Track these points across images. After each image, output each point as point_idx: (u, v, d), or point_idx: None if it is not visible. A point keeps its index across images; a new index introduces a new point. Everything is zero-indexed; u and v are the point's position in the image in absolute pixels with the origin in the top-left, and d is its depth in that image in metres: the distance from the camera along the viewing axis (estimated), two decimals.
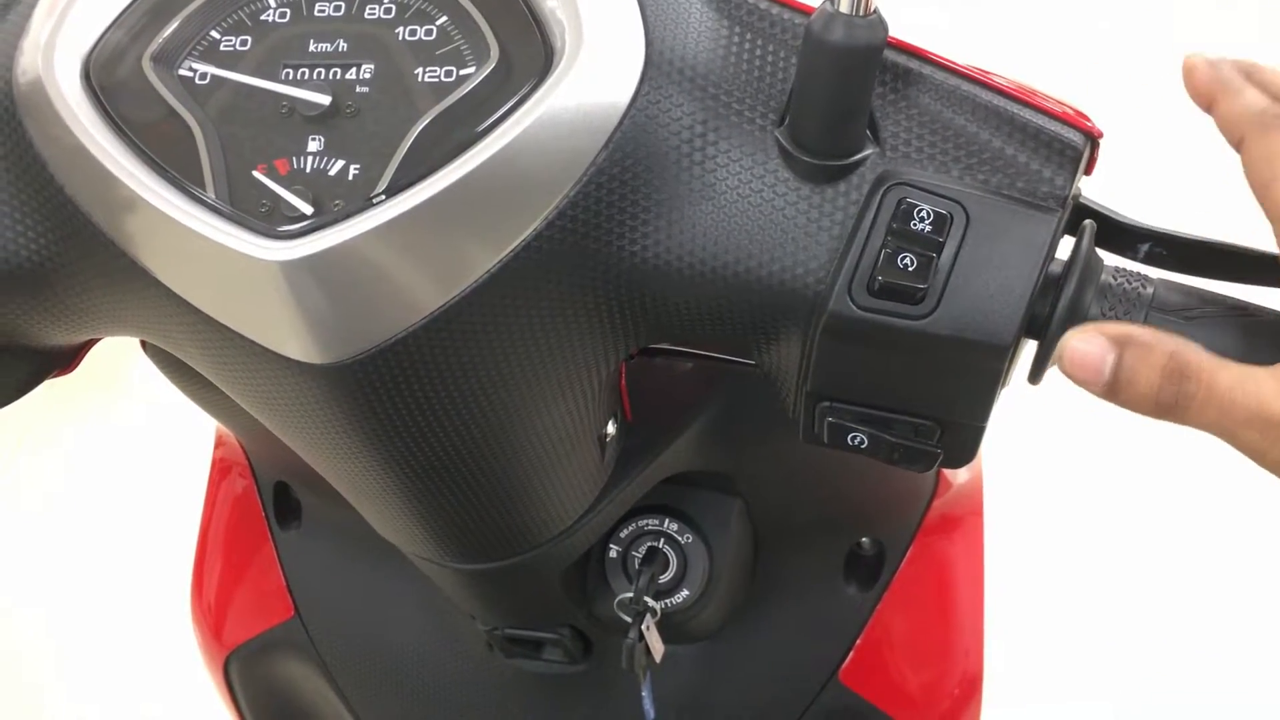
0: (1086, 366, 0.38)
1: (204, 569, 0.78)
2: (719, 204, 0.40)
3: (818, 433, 0.44)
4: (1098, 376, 0.37)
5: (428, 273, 0.38)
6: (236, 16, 0.41)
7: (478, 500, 0.48)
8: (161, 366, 0.59)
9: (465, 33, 0.40)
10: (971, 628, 0.72)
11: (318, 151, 0.39)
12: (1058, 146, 0.40)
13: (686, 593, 0.61)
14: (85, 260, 0.42)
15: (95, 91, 0.40)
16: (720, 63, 0.41)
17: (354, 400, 0.41)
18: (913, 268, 0.38)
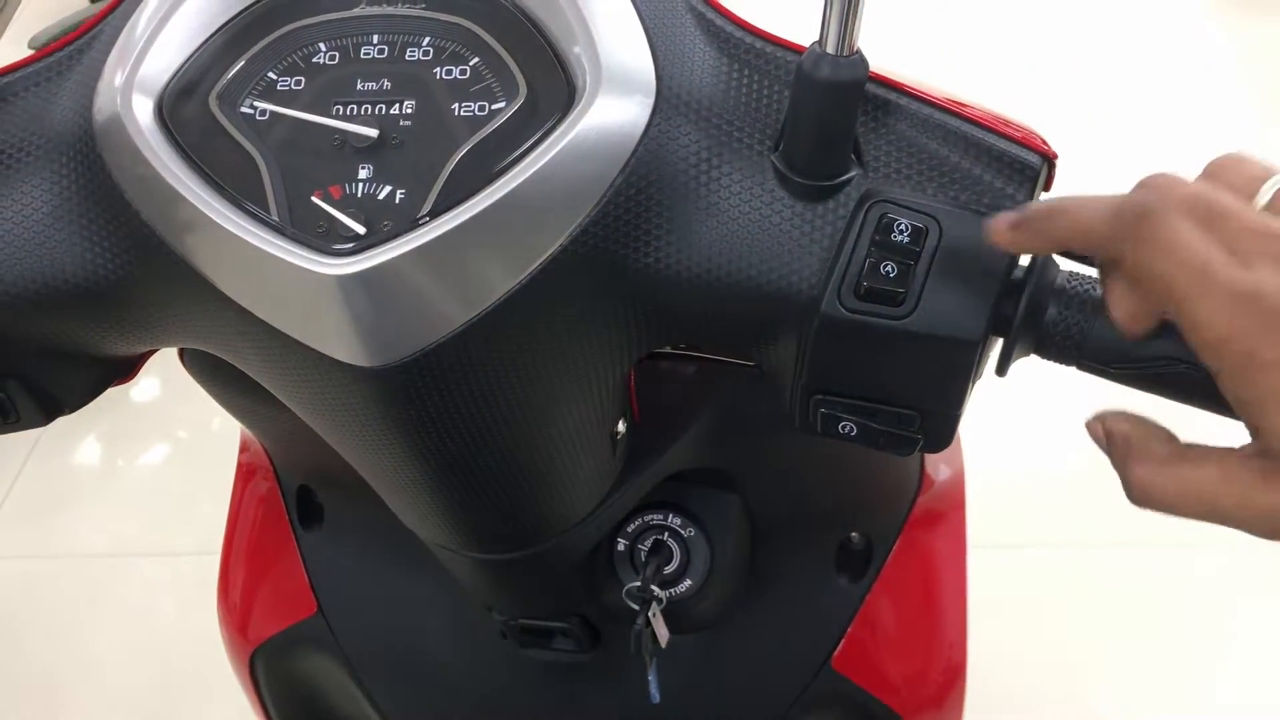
0: None
1: (230, 569, 0.80)
2: (722, 220, 0.44)
3: (812, 423, 0.47)
4: None
5: (468, 284, 0.41)
6: (291, 59, 0.44)
7: (501, 493, 0.51)
8: (199, 379, 0.61)
9: (496, 72, 0.43)
10: (955, 616, 0.75)
11: (367, 179, 0.42)
12: (1018, 166, 0.43)
13: (689, 583, 0.63)
14: (156, 278, 0.45)
15: (168, 127, 0.43)
16: (722, 96, 0.44)
17: (396, 400, 0.44)
18: (894, 274, 0.42)
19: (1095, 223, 0.37)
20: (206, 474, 1.77)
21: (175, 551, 1.72)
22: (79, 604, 1.68)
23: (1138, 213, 0.35)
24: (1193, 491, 0.36)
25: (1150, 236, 0.35)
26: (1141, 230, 0.35)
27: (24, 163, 0.47)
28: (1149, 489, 0.37)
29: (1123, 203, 0.36)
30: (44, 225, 0.46)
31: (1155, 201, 0.35)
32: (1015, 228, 0.39)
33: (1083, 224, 0.37)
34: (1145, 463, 0.37)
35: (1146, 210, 0.35)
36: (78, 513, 1.80)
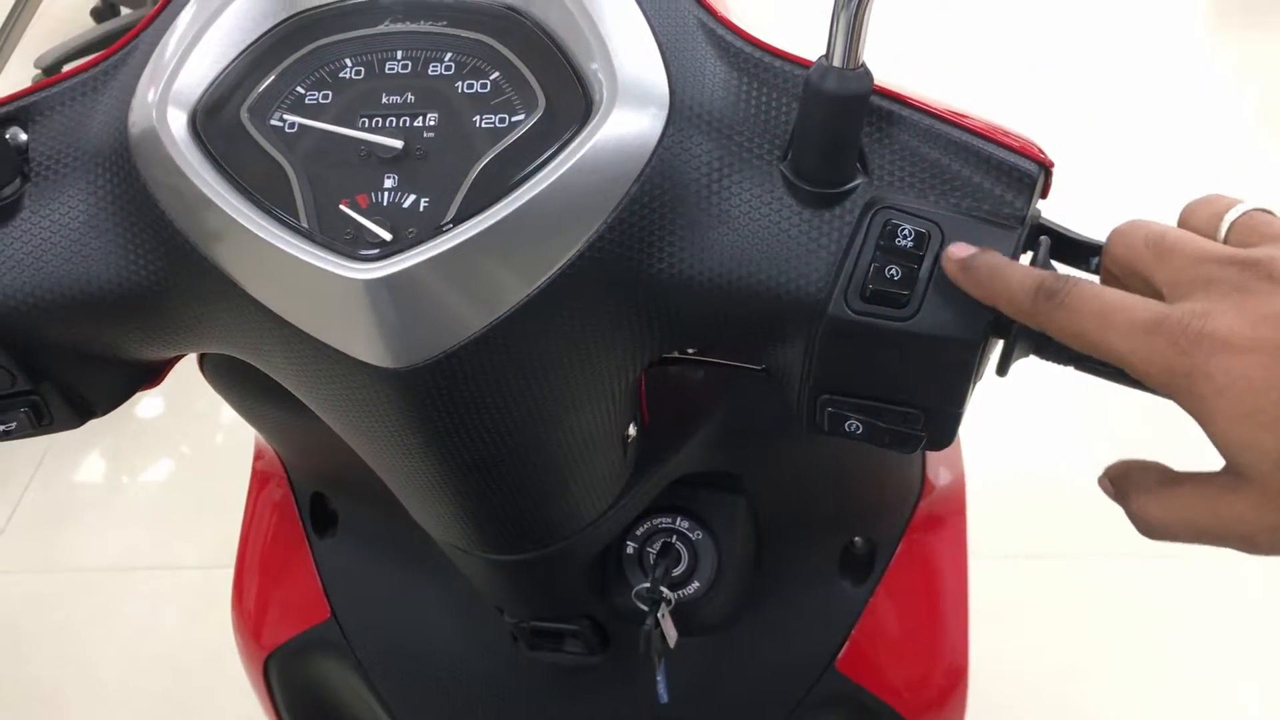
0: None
1: (244, 575, 0.81)
2: (733, 227, 0.45)
3: (819, 422, 0.48)
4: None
5: (489, 288, 0.43)
6: (318, 75, 0.46)
7: (514, 494, 0.52)
8: (218, 386, 0.63)
9: (516, 86, 0.45)
10: (956, 619, 0.76)
11: (392, 188, 0.43)
12: (1016, 174, 0.45)
13: (697, 585, 0.64)
14: (188, 284, 0.46)
15: (201, 139, 0.45)
16: (733, 108, 0.46)
17: (417, 401, 0.45)
18: (898, 277, 0.43)
19: (1018, 295, 0.41)
20: (211, 488, 1.78)
21: (180, 565, 1.72)
22: (84, 618, 1.68)
23: (1047, 289, 0.40)
24: (1179, 512, 0.40)
25: (1058, 305, 0.40)
26: (1050, 304, 0.40)
27: (62, 174, 0.49)
28: (1145, 516, 0.41)
29: (1039, 282, 0.41)
30: (80, 234, 0.48)
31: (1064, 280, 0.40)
32: (963, 270, 0.43)
33: (1010, 297, 0.42)
34: (1139, 493, 0.41)
35: (1053, 290, 0.40)
36: (83, 527, 1.80)
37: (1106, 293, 0.39)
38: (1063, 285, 0.40)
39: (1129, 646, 1.51)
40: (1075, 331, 0.40)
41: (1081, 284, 0.40)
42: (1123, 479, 0.42)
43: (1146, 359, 0.38)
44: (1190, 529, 0.39)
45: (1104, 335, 0.39)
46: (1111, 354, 0.39)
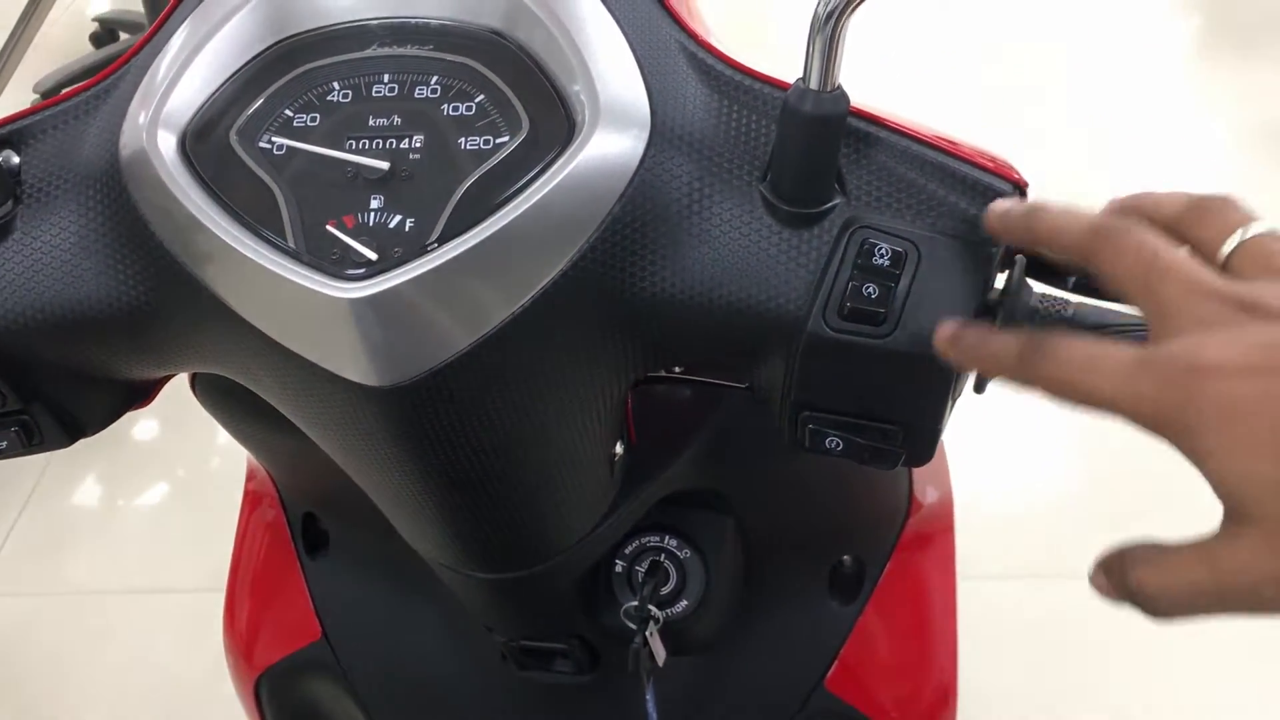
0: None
1: (236, 595, 0.81)
2: (714, 246, 0.46)
3: (800, 439, 0.49)
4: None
5: (474, 307, 0.43)
6: (306, 98, 0.47)
7: (502, 511, 0.52)
8: (209, 407, 0.63)
9: (500, 108, 0.45)
10: (945, 638, 0.76)
11: (379, 209, 0.44)
12: (992, 194, 0.46)
13: (685, 603, 0.64)
14: (178, 304, 0.47)
15: (191, 161, 0.45)
16: (713, 130, 0.47)
17: (403, 419, 0.45)
18: (875, 295, 0.44)
19: (1004, 357, 0.41)
20: (205, 511, 1.78)
21: (175, 588, 1.72)
22: (80, 641, 1.68)
23: (1032, 344, 0.39)
24: (1177, 574, 0.37)
25: (1043, 358, 0.39)
26: (1036, 359, 0.39)
27: (53, 196, 0.49)
28: (1145, 589, 0.38)
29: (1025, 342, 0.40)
30: (71, 255, 0.48)
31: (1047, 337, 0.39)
32: (952, 344, 0.43)
33: (999, 361, 0.41)
34: (1135, 567, 0.38)
35: (1037, 345, 0.39)
36: (79, 550, 1.80)
37: (1089, 340, 0.39)
38: (1045, 339, 0.39)
39: (1120, 666, 1.51)
40: (1064, 380, 0.38)
41: (1063, 335, 0.39)
42: (1117, 561, 0.40)
43: (1136, 399, 0.36)
44: (1192, 592, 0.37)
45: (1092, 381, 0.37)
46: (1102, 400, 0.38)
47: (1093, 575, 0.41)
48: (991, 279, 0.45)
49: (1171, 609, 0.38)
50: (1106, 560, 0.40)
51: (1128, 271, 0.39)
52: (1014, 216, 0.43)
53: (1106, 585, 0.40)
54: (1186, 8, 2.74)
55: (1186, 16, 2.73)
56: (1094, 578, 0.41)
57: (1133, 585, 0.38)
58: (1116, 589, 0.39)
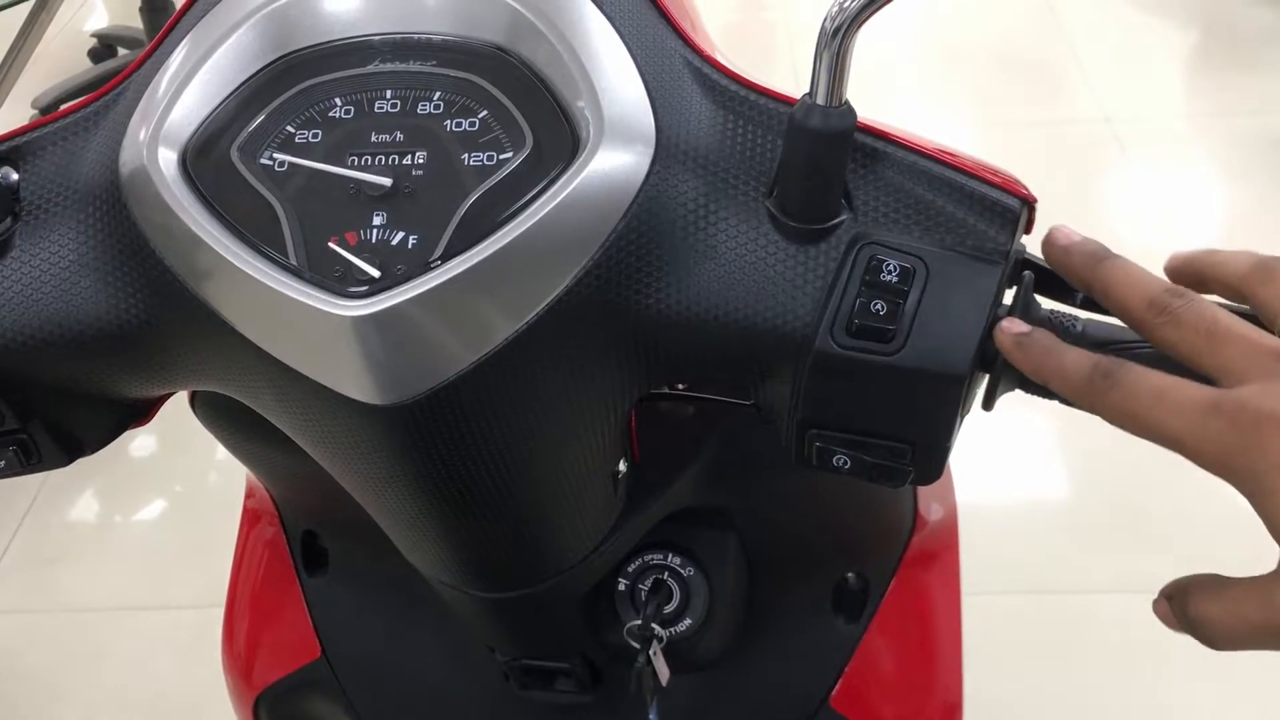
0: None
1: (234, 613, 0.80)
2: (720, 263, 0.45)
3: (807, 456, 0.48)
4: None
5: (477, 325, 0.43)
6: (308, 114, 0.46)
7: (504, 530, 0.52)
8: (209, 424, 0.63)
9: (503, 124, 0.45)
10: (950, 656, 0.75)
11: (381, 225, 0.43)
12: (999, 210, 0.45)
13: (689, 621, 0.64)
14: (178, 322, 0.46)
15: (191, 178, 0.45)
16: (718, 145, 0.46)
17: (406, 437, 0.45)
18: (883, 312, 0.43)
19: (1073, 381, 0.42)
20: (203, 527, 1.78)
21: (173, 605, 1.72)
22: (78, 658, 1.67)
23: (1103, 370, 0.41)
24: (1234, 607, 0.39)
25: (1113, 386, 0.40)
26: (1105, 385, 0.41)
27: (52, 213, 0.49)
28: (1205, 619, 0.40)
29: (1095, 365, 0.41)
30: (71, 273, 0.48)
31: (1119, 365, 0.41)
32: (1017, 346, 0.44)
33: (1064, 378, 0.42)
34: (1197, 599, 0.40)
35: (1109, 371, 0.41)
36: (76, 566, 1.80)
37: (1161, 374, 0.40)
38: (1118, 367, 0.41)
39: (1124, 682, 1.51)
40: (1130, 412, 0.40)
41: (1135, 365, 0.41)
42: (1180, 592, 0.42)
43: (1202, 439, 0.38)
44: (1246, 626, 0.39)
45: (1159, 415, 0.39)
46: (1166, 435, 0.39)
47: (1156, 603, 0.43)
48: (1000, 294, 0.45)
49: (1226, 641, 0.40)
50: (1170, 589, 0.42)
51: (1189, 340, 0.40)
52: (1079, 257, 0.45)
53: (1168, 613, 0.42)
54: (1184, 22, 2.75)
55: (1184, 30, 2.74)
56: (1156, 605, 0.43)
57: (1191, 615, 0.40)
58: (1177, 617, 0.41)
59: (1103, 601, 1.58)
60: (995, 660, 1.47)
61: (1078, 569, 1.62)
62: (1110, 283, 0.43)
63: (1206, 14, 2.75)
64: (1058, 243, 0.45)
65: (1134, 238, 2.13)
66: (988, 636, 1.22)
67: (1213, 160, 2.33)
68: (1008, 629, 1.54)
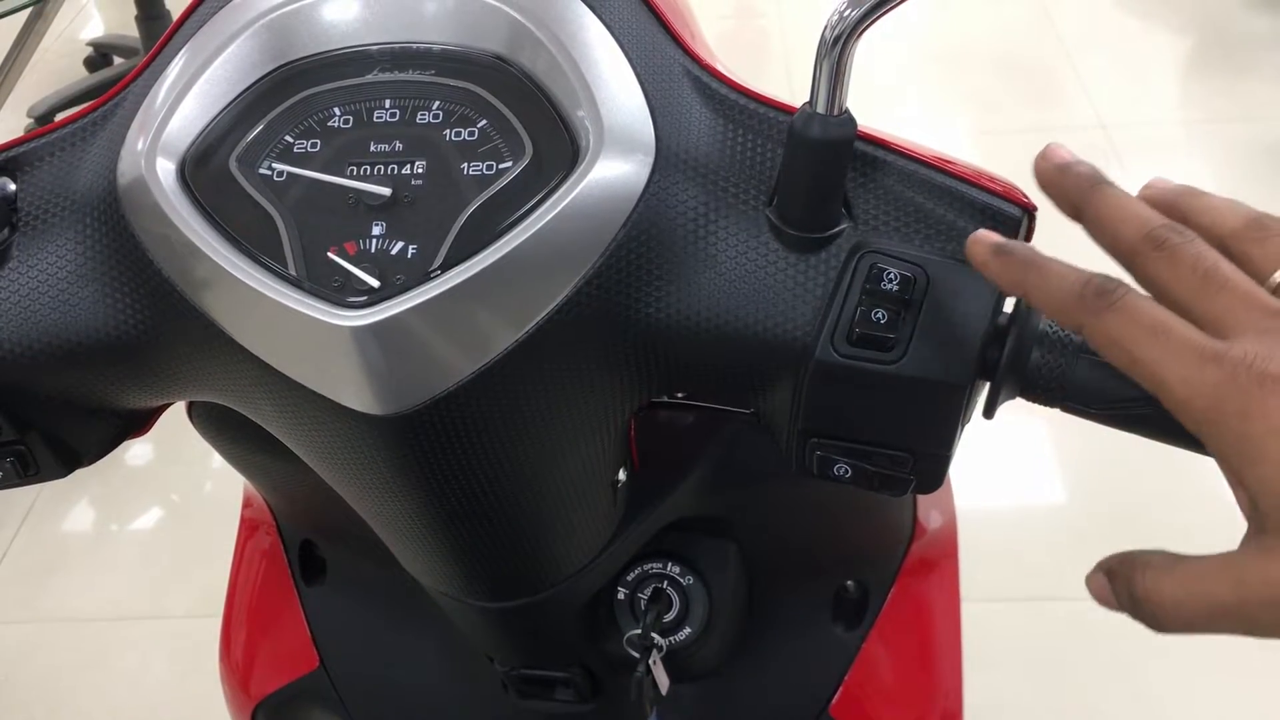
0: None
1: (232, 623, 0.80)
2: (720, 272, 0.45)
3: (808, 466, 0.48)
4: None
5: (477, 334, 0.43)
6: (307, 123, 0.46)
7: (504, 540, 0.51)
8: (206, 434, 0.62)
9: (503, 133, 0.45)
10: (950, 664, 0.75)
11: (380, 235, 0.43)
12: (1000, 218, 0.45)
13: (689, 630, 0.64)
14: (176, 333, 0.46)
15: (190, 188, 0.45)
16: (718, 154, 0.46)
17: (405, 447, 0.45)
18: (884, 321, 0.43)
19: (1059, 294, 0.38)
20: (200, 537, 1.77)
21: (170, 614, 1.71)
22: (74, 668, 1.66)
23: (1098, 287, 0.37)
24: (1197, 586, 0.36)
25: (1109, 306, 0.37)
26: (1099, 304, 0.37)
27: (50, 224, 0.49)
28: (1157, 597, 0.36)
29: (1089, 280, 0.38)
30: (68, 284, 0.48)
31: (1117, 285, 0.37)
32: (995, 254, 0.41)
33: (1049, 290, 0.39)
34: (1148, 573, 0.37)
35: (1105, 290, 0.37)
36: (72, 577, 1.79)
37: (1164, 309, 0.36)
38: (1116, 287, 0.37)
39: (1124, 688, 1.50)
40: (1122, 340, 0.36)
41: (1137, 292, 0.37)
42: (1124, 564, 0.38)
43: (1195, 388, 0.35)
44: (1210, 607, 0.35)
45: (1153, 352, 0.35)
46: (1156, 375, 0.36)
47: (1090, 577, 0.39)
48: (1001, 303, 0.45)
49: (1179, 623, 0.36)
50: (1110, 564, 0.38)
51: (1183, 280, 0.37)
52: (1073, 178, 0.41)
53: (1105, 590, 0.38)
54: (1179, 29, 2.76)
55: (1179, 36, 2.74)
56: (1091, 579, 0.39)
57: (1139, 593, 0.37)
58: (1119, 595, 0.38)
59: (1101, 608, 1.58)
60: (995, 667, 1.47)
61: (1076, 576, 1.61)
62: (1103, 211, 0.40)
63: (1202, 20, 2.75)
64: (1051, 160, 0.42)
65: None
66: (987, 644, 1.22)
67: (1208, 166, 2.33)
68: (1007, 636, 1.54)
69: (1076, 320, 0.38)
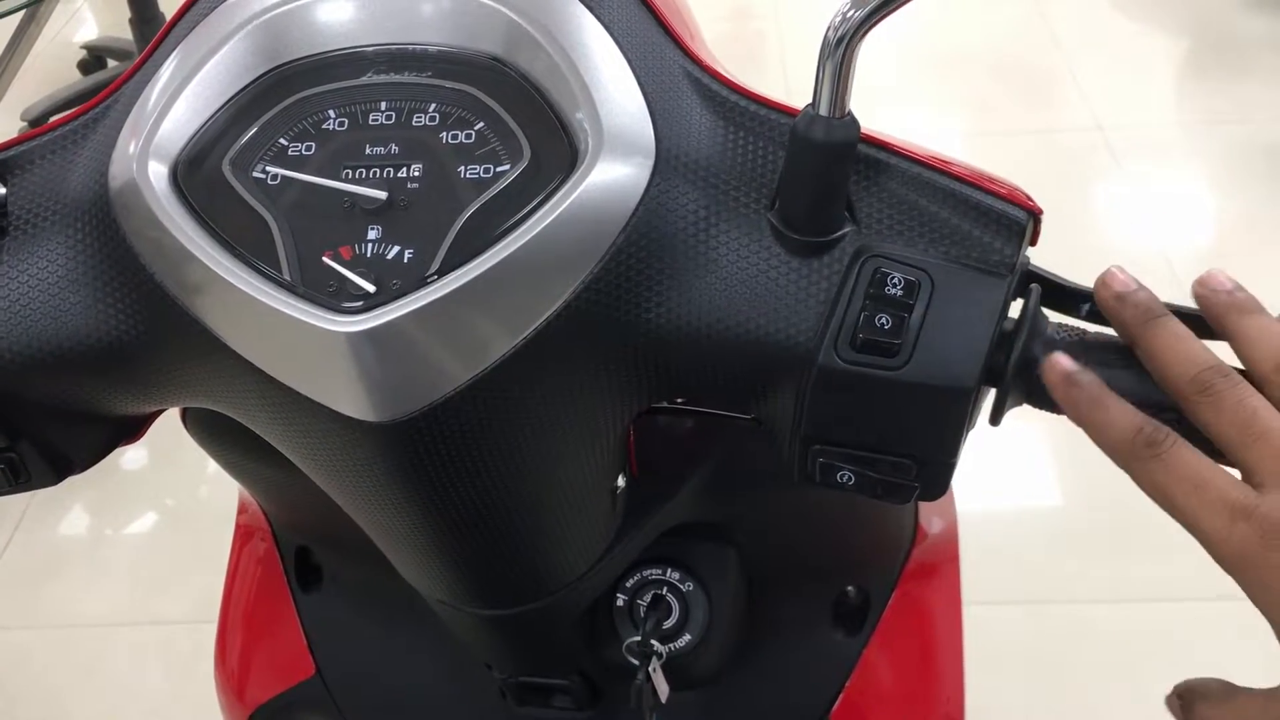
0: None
1: (227, 631, 0.80)
2: (721, 276, 0.45)
3: (810, 473, 0.48)
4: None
5: (475, 340, 0.42)
6: (301, 126, 0.45)
7: (501, 547, 0.51)
8: (200, 440, 0.62)
9: (500, 136, 0.44)
10: (952, 670, 0.75)
11: (376, 239, 0.43)
12: (1005, 222, 0.45)
13: (689, 637, 0.63)
14: (170, 337, 0.46)
15: (182, 192, 0.44)
16: (719, 157, 0.46)
17: (401, 454, 0.44)
18: (888, 326, 0.43)
19: (1114, 436, 0.42)
20: (196, 542, 1.77)
21: (166, 620, 1.70)
22: (70, 674, 1.66)
23: (1148, 438, 0.41)
24: (1235, 716, 0.41)
25: (1155, 459, 0.41)
26: (1147, 453, 0.41)
27: (40, 228, 0.48)
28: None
29: (1141, 429, 0.41)
30: (59, 289, 0.47)
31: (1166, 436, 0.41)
32: (1066, 386, 0.43)
33: (1106, 430, 0.42)
34: (1203, 704, 0.42)
35: (1154, 441, 0.41)
36: (67, 582, 1.78)
37: (1205, 462, 0.40)
38: (1164, 439, 0.41)
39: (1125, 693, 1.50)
40: (1163, 490, 0.40)
41: (1182, 444, 0.41)
42: (1189, 693, 0.43)
43: (1225, 540, 0.39)
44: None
45: (1191, 505, 0.39)
46: (1190, 522, 0.40)
47: (1168, 699, 0.44)
48: (1007, 307, 0.44)
49: None
50: (1182, 689, 0.43)
51: (1224, 432, 0.40)
52: (1131, 309, 0.44)
53: (1177, 711, 0.43)
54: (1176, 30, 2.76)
55: (1175, 37, 2.75)
56: (1168, 701, 0.44)
57: (1196, 717, 0.42)
58: (1183, 716, 0.43)
59: (1102, 611, 1.58)
60: (996, 672, 1.47)
61: (1076, 578, 1.61)
62: (1156, 347, 0.43)
63: (1198, 21, 2.76)
64: (1112, 288, 0.45)
65: (1125, 245, 2.13)
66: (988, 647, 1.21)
67: (1204, 167, 2.33)
68: (1008, 640, 1.54)
69: (1126, 464, 0.42)
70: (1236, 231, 2.19)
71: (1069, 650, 1.55)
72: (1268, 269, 1.23)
